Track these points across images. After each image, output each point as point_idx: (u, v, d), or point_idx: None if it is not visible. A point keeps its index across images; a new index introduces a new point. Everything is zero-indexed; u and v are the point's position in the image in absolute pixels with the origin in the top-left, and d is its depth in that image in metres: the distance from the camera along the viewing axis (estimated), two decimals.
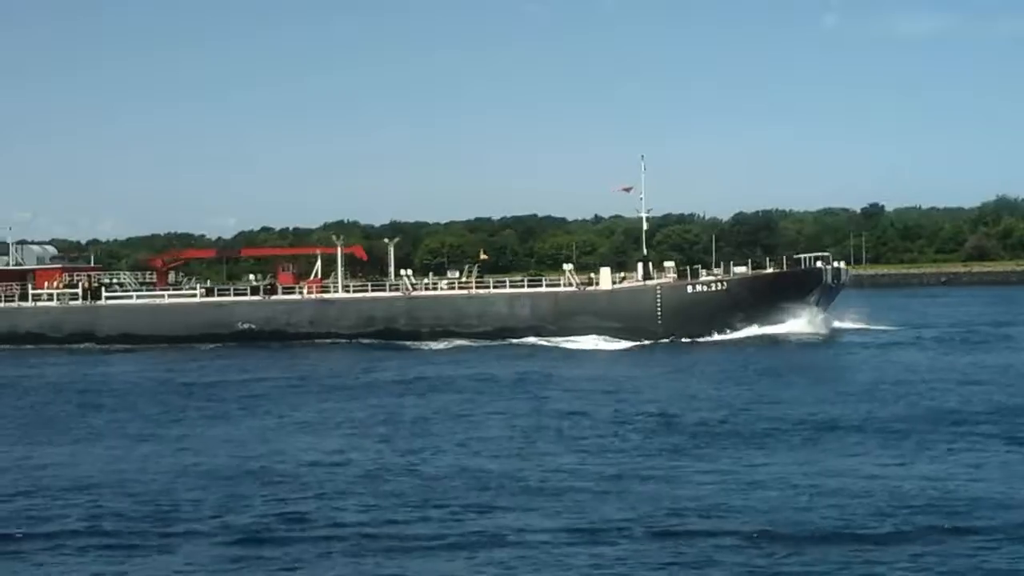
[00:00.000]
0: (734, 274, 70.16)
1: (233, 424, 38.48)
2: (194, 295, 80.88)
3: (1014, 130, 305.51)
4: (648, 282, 71.34)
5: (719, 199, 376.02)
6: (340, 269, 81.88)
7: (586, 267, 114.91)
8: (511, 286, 75.75)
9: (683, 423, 35.07)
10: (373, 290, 78.43)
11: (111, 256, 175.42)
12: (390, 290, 77.63)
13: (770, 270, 71.13)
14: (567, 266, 79.86)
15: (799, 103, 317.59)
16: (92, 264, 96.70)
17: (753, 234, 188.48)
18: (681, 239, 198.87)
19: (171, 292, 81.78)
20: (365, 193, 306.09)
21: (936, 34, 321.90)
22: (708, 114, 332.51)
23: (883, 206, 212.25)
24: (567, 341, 68.15)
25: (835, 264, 72.59)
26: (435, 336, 73.19)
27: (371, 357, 64.55)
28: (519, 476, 27.19)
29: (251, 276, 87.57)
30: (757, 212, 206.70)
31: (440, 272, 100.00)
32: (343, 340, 74.40)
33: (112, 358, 70.21)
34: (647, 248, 77.56)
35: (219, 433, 36.29)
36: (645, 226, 78.06)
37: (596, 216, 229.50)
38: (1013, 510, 22.58)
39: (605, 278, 72.26)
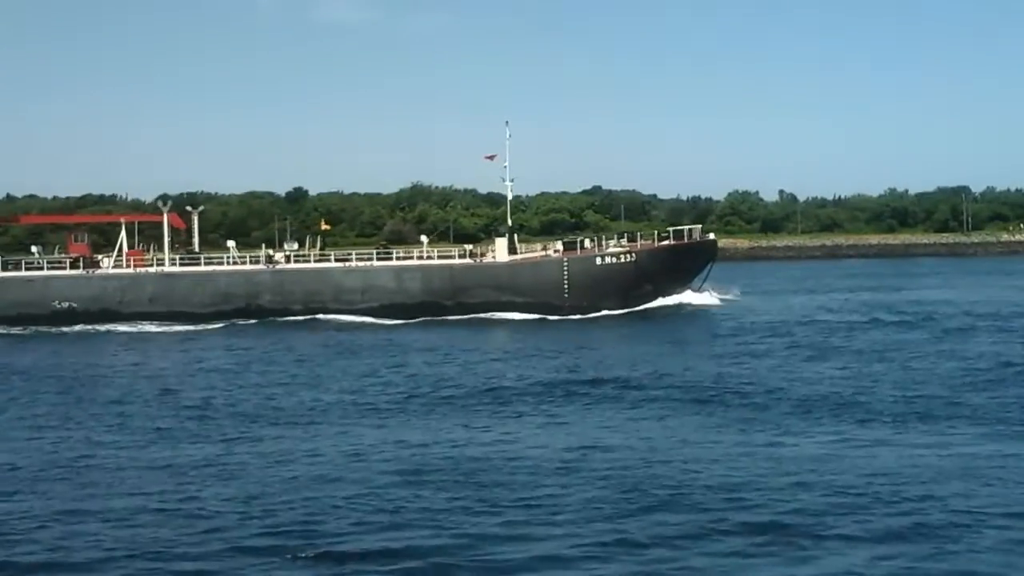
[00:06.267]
0: (641, 245, 68.06)
1: None
2: None
3: (428, 123, 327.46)
4: (553, 254, 67.81)
5: (148, 182, 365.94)
6: (167, 239, 71.09)
7: None
8: (398, 258, 69.03)
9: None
10: (237, 263, 68.63)
11: None
12: (251, 262, 68.33)
13: (669, 242, 69.42)
14: None
15: (228, 87, 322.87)
16: None
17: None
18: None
19: None
20: None
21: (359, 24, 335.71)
22: (166, 98, 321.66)
23: (307, 191, 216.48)
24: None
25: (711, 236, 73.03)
26: (309, 314, 65.65)
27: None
28: None
29: (34, 248, 73.97)
30: (182, 194, 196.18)
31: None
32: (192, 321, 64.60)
33: None
34: None
35: None
36: (510, 195, 74.37)
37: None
38: None
39: (501, 250, 67.60)
